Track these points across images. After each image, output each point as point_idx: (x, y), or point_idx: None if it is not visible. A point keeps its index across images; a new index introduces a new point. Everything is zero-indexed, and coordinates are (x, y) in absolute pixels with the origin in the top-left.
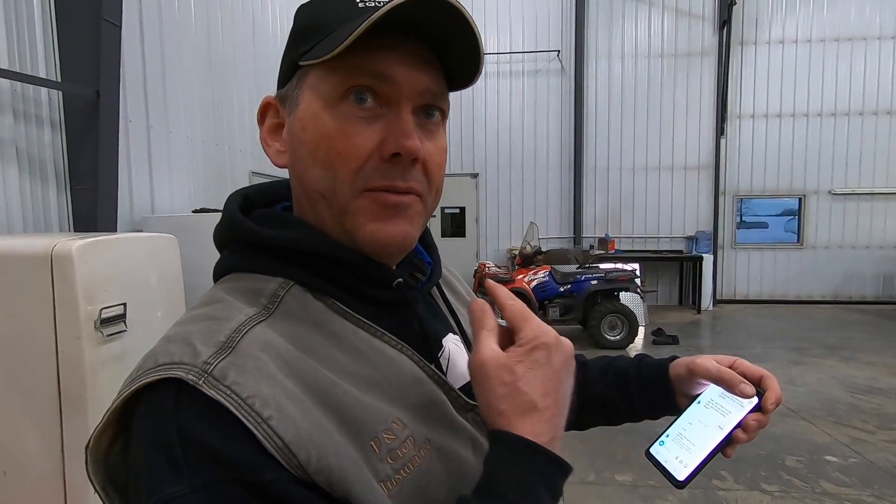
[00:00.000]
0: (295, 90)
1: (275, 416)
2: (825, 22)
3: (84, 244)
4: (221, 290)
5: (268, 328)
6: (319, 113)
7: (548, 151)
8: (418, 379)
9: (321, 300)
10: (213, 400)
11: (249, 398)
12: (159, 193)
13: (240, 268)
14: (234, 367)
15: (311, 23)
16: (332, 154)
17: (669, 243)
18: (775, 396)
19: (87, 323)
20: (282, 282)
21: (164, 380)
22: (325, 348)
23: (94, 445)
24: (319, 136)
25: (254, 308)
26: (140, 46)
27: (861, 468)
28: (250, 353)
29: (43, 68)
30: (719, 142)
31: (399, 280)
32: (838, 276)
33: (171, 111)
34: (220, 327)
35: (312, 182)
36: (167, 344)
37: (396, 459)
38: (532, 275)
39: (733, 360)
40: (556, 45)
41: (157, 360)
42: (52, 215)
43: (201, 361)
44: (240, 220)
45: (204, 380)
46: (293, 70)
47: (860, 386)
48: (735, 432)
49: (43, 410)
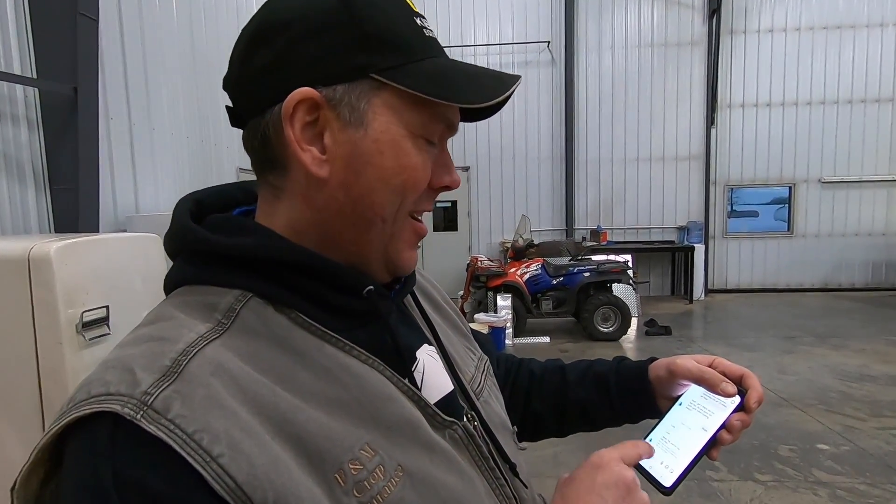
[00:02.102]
0: (360, 101)
1: (226, 453)
2: (814, 10)
3: (63, 246)
4: (170, 305)
5: (221, 347)
6: (401, 141)
7: (539, 144)
8: (391, 396)
9: (283, 313)
10: (154, 436)
11: (197, 433)
12: (143, 192)
13: (192, 280)
14: (180, 397)
15: (388, 34)
16: (410, 184)
17: (661, 234)
18: (757, 395)
19: (68, 327)
20: (238, 294)
21: (97, 413)
22: (287, 367)
23: (22, 486)
24: (402, 165)
25: (206, 325)
26: (120, 41)
27: (853, 456)
28: (199, 380)
29: (18, 65)
30: (710, 132)
31: (370, 287)
32: (828, 264)
33: (153, 108)
34: (166, 349)
35: (377, 206)
36: (104, 371)
37: (363, 492)
38: (524, 268)
39: (712, 360)
40: (545, 36)
41: (90, 391)
42: (31, 217)
43: (140, 391)
44: (190, 228)
45: (143, 413)
46: (357, 75)
47: (851, 374)
48: (720, 433)
49: (24, 419)
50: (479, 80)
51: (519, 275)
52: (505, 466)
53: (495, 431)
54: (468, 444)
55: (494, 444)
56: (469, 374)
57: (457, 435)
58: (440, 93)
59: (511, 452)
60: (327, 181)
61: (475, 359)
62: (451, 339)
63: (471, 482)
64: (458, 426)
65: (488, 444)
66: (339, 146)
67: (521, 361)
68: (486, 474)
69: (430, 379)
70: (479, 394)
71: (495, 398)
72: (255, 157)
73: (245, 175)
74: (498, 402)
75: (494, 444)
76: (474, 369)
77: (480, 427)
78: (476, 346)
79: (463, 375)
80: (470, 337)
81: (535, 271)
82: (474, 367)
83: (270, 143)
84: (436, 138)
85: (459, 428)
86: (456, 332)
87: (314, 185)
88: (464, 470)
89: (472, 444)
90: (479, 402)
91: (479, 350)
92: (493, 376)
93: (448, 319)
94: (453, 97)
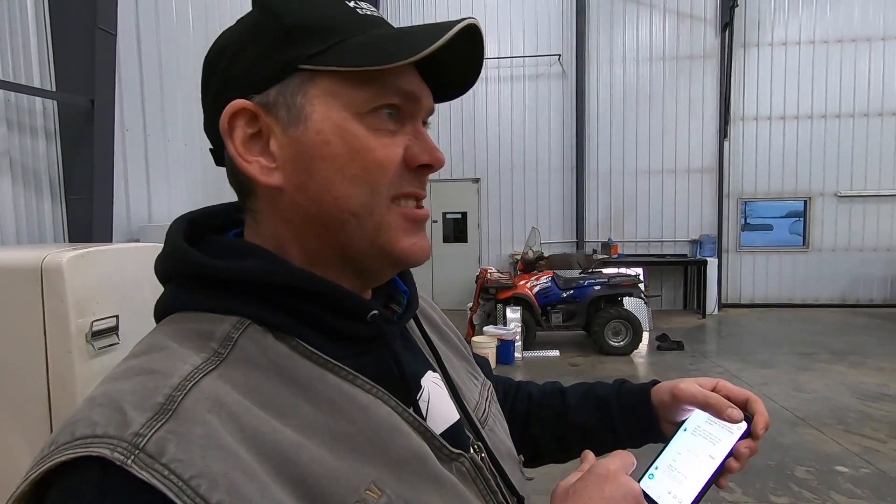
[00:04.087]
0: (295, 97)
1: (226, 500)
2: (828, 23)
3: (75, 255)
4: (163, 334)
5: (218, 379)
6: (347, 125)
7: (549, 156)
8: (397, 428)
9: (284, 341)
10: (147, 484)
11: (193, 479)
12: (157, 202)
13: (185, 306)
14: (175, 438)
15: (313, 22)
16: (372, 167)
17: (673, 247)
18: (764, 420)
19: (77, 336)
20: (236, 321)
21: (82, 458)
22: (289, 400)
23: None
24: (353, 149)
25: (202, 354)
26: (137, 55)
27: (873, 479)
28: (195, 418)
29: (37, 78)
30: (722, 144)
31: (374, 312)
32: (845, 279)
33: (168, 119)
34: (158, 384)
35: (341, 201)
36: (90, 409)
37: None
38: (534, 280)
39: (716, 383)
40: (557, 50)
41: (75, 432)
42: (46, 226)
43: (131, 433)
44: (184, 251)
45: (134, 458)
46: (286, 71)
47: (870, 393)
48: (727, 461)
49: (33, 426)
50: (415, 37)
51: (529, 287)
52: (513, 499)
53: (502, 462)
54: (476, 478)
55: (502, 477)
56: (473, 401)
57: (464, 468)
58: (369, 60)
59: (519, 484)
60: (283, 188)
61: (478, 384)
62: (454, 364)
63: None
64: (465, 458)
65: (496, 476)
66: (284, 149)
67: (519, 385)
68: None
69: (436, 408)
70: (484, 422)
71: (500, 426)
72: (235, 189)
73: None
74: (503, 430)
75: (502, 476)
76: (478, 395)
77: (487, 458)
78: (478, 371)
79: (468, 403)
80: (472, 361)
81: (545, 284)
82: (478, 393)
83: (233, 170)
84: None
85: (467, 460)
86: (458, 357)
87: (275, 196)
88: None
89: (480, 476)
90: (485, 431)
91: (482, 375)
92: (497, 402)
93: (450, 343)
94: (385, 59)
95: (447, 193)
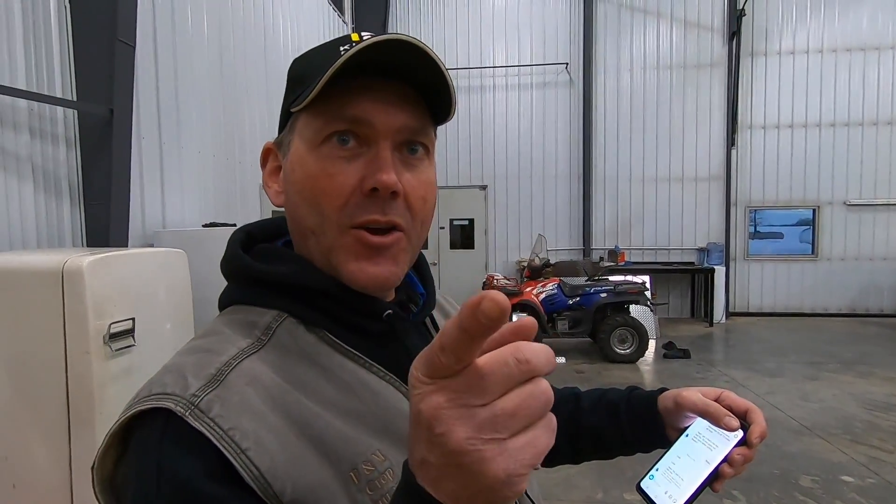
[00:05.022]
0: (288, 135)
1: (252, 447)
2: (836, 32)
3: (94, 260)
4: (220, 322)
5: (258, 360)
6: (304, 156)
7: (556, 163)
8: (403, 412)
9: (313, 332)
10: (197, 431)
11: (231, 430)
12: (171, 208)
13: (239, 300)
14: (220, 401)
15: (300, 73)
16: (317, 192)
17: (680, 255)
18: (760, 430)
19: (95, 338)
20: (276, 314)
21: (155, 409)
22: (313, 380)
23: (99, 466)
24: (305, 176)
25: (247, 340)
26: (154, 65)
27: (880, 489)
28: (236, 387)
29: (59, 87)
30: (730, 152)
31: (388, 311)
32: (854, 288)
33: (183, 127)
34: (212, 360)
35: (302, 220)
36: (163, 374)
37: (375, 490)
38: (541, 287)
39: (719, 393)
40: (564, 58)
41: (152, 390)
42: (65, 230)
43: (190, 394)
44: (238, 256)
45: (190, 412)
46: (287, 117)
47: (878, 403)
48: (721, 467)
49: (51, 424)
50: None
51: (535, 294)
52: None
53: None
54: None
55: None
56: None
57: None
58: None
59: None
60: (285, 207)
61: None
62: None
63: None
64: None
65: None
66: (283, 178)
67: None
68: None
69: None
70: None
71: None
72: None
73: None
74: None
75: None
76: None
77: None
78: None
79: None
80: None
81: (551, 291)
82: None
83: None
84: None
85: None
86: None
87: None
88: None
89: None
90: None
91: None
92: None
93: None
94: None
95: (454, 200)
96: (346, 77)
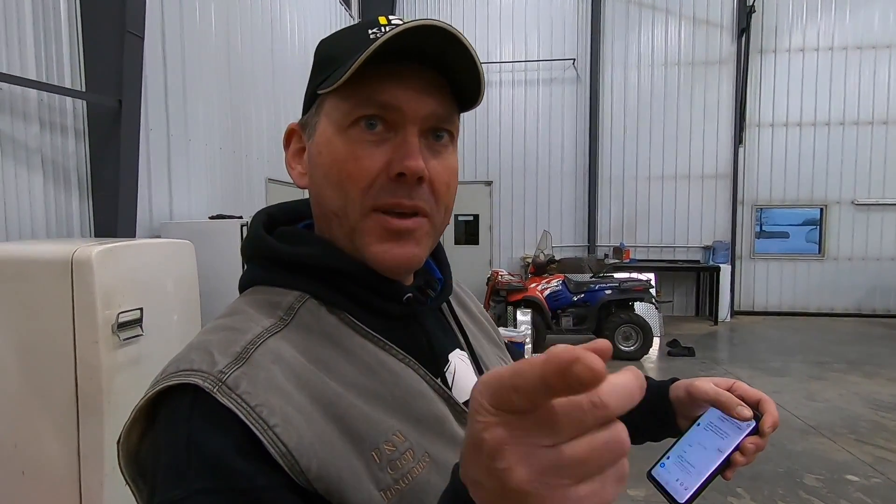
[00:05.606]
0: (314, 117)
1: (280, 424)
2: (847, 29)
3: (103, 250)
4: (243, 302)
5: (282, 340)
6: (332, 138)
7: (562, 160)
8: (422, 393)
9: (334, 313)
10: (225, 407)
11: (258, 407)
12: (178, 200)
13: (261, 281)
14: (247, 378)
15: (328, 55)
16: (343, 175)
17: (686, 253)
18: (772, 420)
19: (104, 327)
20: (298, 295)
21: (183, 384)
22: (335, 360)
23: (125, 440)
24: (332, 159)
25: (271, 320)
26: (162, 57)
27: (885, 489)
28: (262, 365)
29: (68, 78)
30: (737, 151)
31: (408, 295)
32: (861, 288)
33: (190, 120)
34: (237, 339)
35: (327, 202)
36: (189, 351)
37: (396, 469)
38: (545, 283)
39: (732, 383)
40: (571, 54)
41: (179, 366)
42: (74, 221)
43: (217, 370)
44: (262, 237)
45: (218, 388)
46: (313, 99)
47: (884, 403)
48: (733, 455)
49: (60, 413)
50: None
51: (539, 290)
52: None
53: None
54: None
55: None
56: None
57: None
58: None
59: None
60: (309, 190)
61: None
62: (484, 347)
63: None
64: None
65: None
66: (308, 160)
67: None
68: None
69: (461, 381)
70: None
71: None
72: None
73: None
74: None
75: None
76: None
77: None
78: (509, 358)
79: None
80: (503, 348)
81: (555, 287)
82: None
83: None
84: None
85: None
86: (490, 342)
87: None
88: None
89: None
90: None
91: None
92: None
93: (482, 330)
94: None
95: (459, 195)
96: (375, 61)
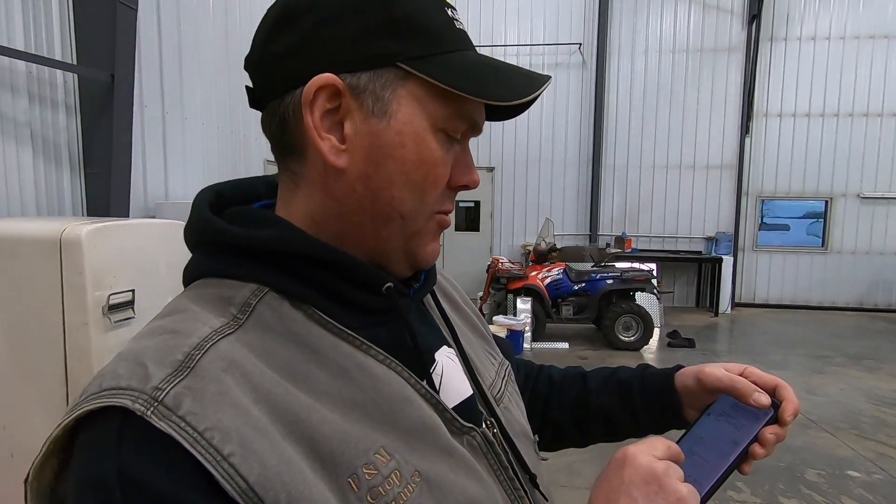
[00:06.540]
0: (385, 90)
1: (237, 452)
2: (861, 18)
3: (93, 229)
4: (186, 298)
5: (236, 342)
6: (424, 135)
7: (566, 147)
8: (408, 399)
9: (300, 309)
10: (164, 433)
11: (207, 431)
12: (173, 180)
13: (210, 272)
14: (191, 393)
15: (418, 21)
16: (430, 179)
17: (688, 244)
18: (793, 407)
19: (94, 309)
20: (255, 288)
21: (107, 408)
22: (302, 365)
23: (35, 478)
24: (422, 158)
25: (221, 319)
26: (157, 31)
27: (886, 485)
28: (211, 376)
29: (59, 51)
30: (744, 141)
31: (389, 284)
32: (865, 282)
33: (186, 97)
34: (179, 343)
35: (396, 202)
36: (117, 364)
37: (378, 498)
38: (546, 272)
39: (743, 368)
40: (577, 38)
41: (103, 384)
42: (65, 199)
43: (151, 387)
44: (208, 219)
45: (153, 409)
46: (382, 62)
47: (886, 398)
48: (751, 447)
49: (50, 395)
50: (509, 77)
51: (540, 279)
52: (525, 477)
53: (515, 440)
54: (487, 452)
55: (514, 453)
56: (489, 379)
57: (475, 442)
58: (469, 87)
59: (532, 462)
60: (345, 171)
61: (496, 364)
62: (472, 342)
63: (490, 491)
64: (476, 432)
65: (507, 452)
66: (359, 136)
67: (541, 367)
68: (505, 484)
69: (449, 382)
70: (499, 400)
71: (516, 405)
72: (274, 142)
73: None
74: (519, 410)
75: (514, 452)
76: (495, 374)
77: (500, 434)
78: (497, 351)
79: (483, 380)
80: (491, 341)
81: (556, 276)
82: (495, 372)
83: (289, 127)
84: (459, 135)
85: (478, 434)
86: (476, 335)
87: (332, 174)
88: (483, 477)
89: (491, 451)
90: (500, 409)
91: (500, 355)
92: (515, 382)
93: (468, 322)
94: (483, 93)
95: None
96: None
